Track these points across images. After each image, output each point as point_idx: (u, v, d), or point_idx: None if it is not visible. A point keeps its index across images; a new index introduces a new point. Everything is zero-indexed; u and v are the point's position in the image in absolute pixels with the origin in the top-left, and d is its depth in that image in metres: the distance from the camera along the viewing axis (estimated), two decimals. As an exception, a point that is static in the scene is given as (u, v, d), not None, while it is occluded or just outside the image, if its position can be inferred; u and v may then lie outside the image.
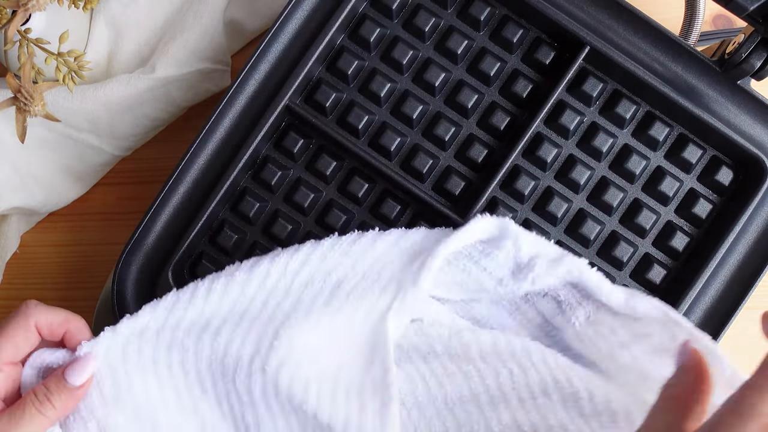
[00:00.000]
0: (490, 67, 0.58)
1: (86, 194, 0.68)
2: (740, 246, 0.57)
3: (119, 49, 0.64)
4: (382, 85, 0.58)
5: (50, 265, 0.68)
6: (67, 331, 0.50)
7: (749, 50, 0.53)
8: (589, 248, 0.58)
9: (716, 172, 0.57)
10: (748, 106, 0.56)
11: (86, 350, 0.50)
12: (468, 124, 0.59)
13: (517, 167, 0.58)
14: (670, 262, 0.58)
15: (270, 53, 0.57)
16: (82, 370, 0.48)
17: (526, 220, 0.58)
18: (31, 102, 0.55)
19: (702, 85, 0.57)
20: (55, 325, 0.50)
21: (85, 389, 0.49)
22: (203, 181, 0.57)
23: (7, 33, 0.54)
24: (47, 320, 0.49)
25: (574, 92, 0.58)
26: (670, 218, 0.58)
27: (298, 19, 0.58)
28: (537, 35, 0.58)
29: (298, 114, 0.57)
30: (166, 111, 0.65)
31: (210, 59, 0.64)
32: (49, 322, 0.50)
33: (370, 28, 0.58)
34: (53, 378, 0.48)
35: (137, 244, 0.57)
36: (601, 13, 0.57)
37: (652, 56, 0.57)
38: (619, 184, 0.58)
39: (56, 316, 0.50)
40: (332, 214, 0.58)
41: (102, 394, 0.49)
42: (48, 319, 0.49)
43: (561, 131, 0.58)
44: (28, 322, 0.49)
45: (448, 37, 0.58)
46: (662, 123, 0.57)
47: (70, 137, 0.64)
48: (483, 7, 0.58)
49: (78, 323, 0.51)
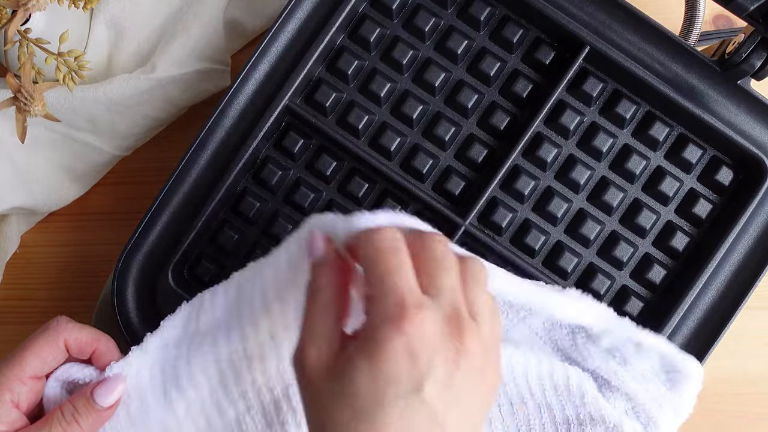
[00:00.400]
0: (490, 67, 0.58)
1: (86, 194, 0.67)
2: (740, 246, 0.56)
3: (119, 49, 0.64)
4: (382, 85, 0.58)
5: (50, 265, 0.68)
6: (96, 350, 0.50)
7: (749, 50, 0.53)
8: (589, 248, 0.58)
9: (716, 172, 0.57)
10: (748, 106, 0.56)
11: (116, 371, 0.49)
12: (468, 124, 0.59)
13: (517, 167, 0.58)
14: (670, 262, 0.58)
15: (270, 53, 0.57)
16: (111, 391, 0.48)
17: (526, 220, 0.58)
18: (31, 102, 0.55)
19: (702, 85, 0.57)
20: (84, 343, 0.49)
21: (112, 410, 0.48)
22: (203, 182, 0.57)
23: (7, 33, 0.53)
24: (77, 338, 0.49)
25: (574, 92, 0.58)
26: (670, 218, 0.58)
27: (298, 19, 0.58)
28: (537, 35, 0.58)
29: (298, 114, 0.57)
30: (166, 111, 0.64)
31: (210, 59, 0.64)
32: (79, 341, 0.49)
33: (370, 28, 0.58)
34: (81, 397, 0.48)
35: (137, 245, 0.57)
36: (601, 12, 0.57)
37: (652, 56, 0.57)
38: (619, 184, 0.58)
39: (86, 335, 0.49)
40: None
41: (129, 415, 0.49)
42: (78, 337, 0.49)
43: (561, 131, 0.58)
44: (58, 338, 0.48)
45: (448, 37, 0.58)
46: (662, 123, 0.57)
47: (70, 137, 0.64)
48: (483, 7, 0.58)
49: (108, 343, 0.50)
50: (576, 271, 0.58)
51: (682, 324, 0.56)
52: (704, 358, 0.56)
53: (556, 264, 0.57)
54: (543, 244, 0.58)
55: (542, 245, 0.58)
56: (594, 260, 0.58)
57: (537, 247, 0.57)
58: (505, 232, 0.58)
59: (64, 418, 0.47)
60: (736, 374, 0.65)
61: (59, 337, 0.48)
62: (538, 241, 0.57)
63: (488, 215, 0.57)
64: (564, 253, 0.57)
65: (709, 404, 0.64)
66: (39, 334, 0.49)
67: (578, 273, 0.58)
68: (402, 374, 0.38)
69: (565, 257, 0.57)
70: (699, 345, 0.56)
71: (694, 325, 0.56)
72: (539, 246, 0.57)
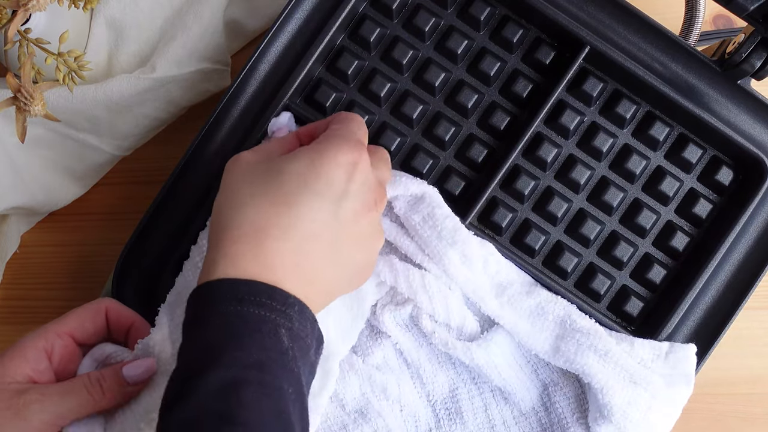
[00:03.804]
0: (490, 67, 0.58)
1: (86, 194, 0.68)
2: (740, 245, 0.57)
3: (119, 49, 0.64)
4: (382, 85, 0.58)
5: (50, 265, 0.68)
6: (133, 324, 0.52)
7: (749, 50, 0.53)
8: (589, 248, 0.58)
9: (716, 171, 0.57)
10: (748, 106, 0.56)
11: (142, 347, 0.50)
12: (468, 124, 0.58)
13: (517, 167, 0.58)
14: (670, 262, 0.58)
15: (270, 53, 0.57)
16: (139, 367, 0.49)
17: (526, 220, 0.58)
18: (31, 102, 0.55)
19: (702, 84, 0.57)
20: (123, 316, 0.51)
21: (138, 389, 0.49)
22: (203, 183, 0.57)
23: (7, 33, 0.53)
24: (117, 309, 0.52)
25: (574, 92, 0.58)
26: (671, 218, 0.58)
27: (298, 19, 0.58)
28: (537, 35, 0.58)
29: (298, 114, 0.57)
30: (166, 111, 0.65)
31: (210, 59, 0.64)
32: (119, 312, 0.52)
33: (370, 28, 0.58)
34: (110, 369, 0.49)
35: (137, 245, 0.57)
36: (600, 12, 0.57)
37: (652, 56, 0.57)
38: (620, 184, 0.58)
39: (126, 309, 0.52)
40: (332, 214, 0.58)
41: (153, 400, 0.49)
42: (119, 309, 0.52)
43: (561, 131, 0.58)
44: (100, 305, 0.51)
45: (448, 37, 0.58)
46: (662, 123, 0.57)
47: (70, 137, 0.64)
48: (483, 7, 0.58)
49: (145, 323, 0.52)
50: (576, 271, 0.58)
51: (682, 324, 0.56)
52: (704, 357, 0.56)
53: (556, 264, 0.57)
54: (543, 244, 0.58)
55: (542, 245, 0.58)
56: (594, 260, 0.58)
57: (537, 247, 0.57)
58: (505, 232, 0.58)
59: (89, 381, 0.48)
60: (736, 374, 0.65)
61: (102, 304, 0.51)
62: (538, 241, 0.57)
63: (488, 215, 0.57)
64: (564, 253, 0.57)
65: (709, 404, 0.64)
66: (87, 304, 0.52)
67: (578, 273, 0.58)
68: (335, 181, 0.45)
69: (565, 257, 0.57)
70: (700, 344, 0.56)
71: (694, 324, 0.56)
72: (539, 246, 0.57)
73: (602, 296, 0.57)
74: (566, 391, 0.55)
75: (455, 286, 0.54)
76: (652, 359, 0.53)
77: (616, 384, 0.52)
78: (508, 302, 0.54)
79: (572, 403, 0.54)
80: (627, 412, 0.51)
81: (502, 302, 0.54)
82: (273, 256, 0.43)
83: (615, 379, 0.52)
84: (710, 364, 0.56)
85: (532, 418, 0.55)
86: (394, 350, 0.55)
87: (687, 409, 0.53)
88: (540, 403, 0.55)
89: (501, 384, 0.55)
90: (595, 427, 0.53)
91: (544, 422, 0.55)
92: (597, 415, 0.52)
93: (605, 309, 0.57)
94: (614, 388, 0.52)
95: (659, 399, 0.52)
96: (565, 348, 0.53)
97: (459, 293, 0.54)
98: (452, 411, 0.55)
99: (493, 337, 0.54)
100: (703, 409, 0.64)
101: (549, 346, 0.54)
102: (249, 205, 0.45)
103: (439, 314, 0.54)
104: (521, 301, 0.54)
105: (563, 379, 0.55)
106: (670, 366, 0.53)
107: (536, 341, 0.54)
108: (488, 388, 0.55)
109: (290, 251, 0.44)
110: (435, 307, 0.54)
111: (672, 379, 0.53)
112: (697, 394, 0.54)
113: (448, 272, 0.53)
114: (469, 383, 0.55)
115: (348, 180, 0.46)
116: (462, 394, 0.55)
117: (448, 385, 0.55)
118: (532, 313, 0.54)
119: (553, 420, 0.55)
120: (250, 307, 0.41)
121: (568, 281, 0.58)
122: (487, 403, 0.55)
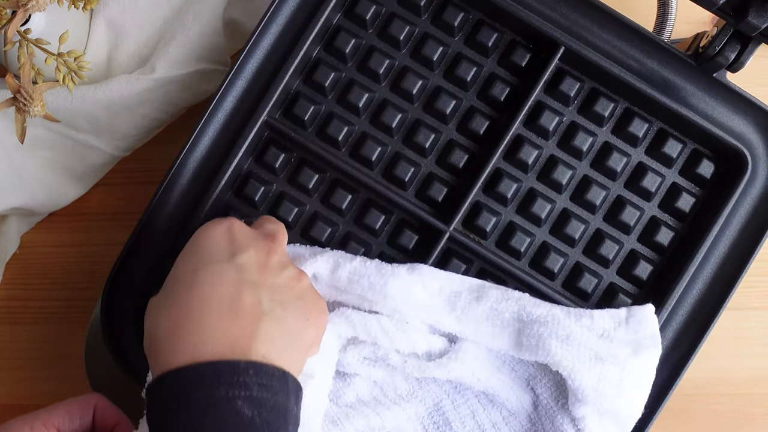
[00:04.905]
0: (466, 72, 0.58)
1: (86, 194, 0.68)
2: (725, 237, 0.57)
3: (119, 49, 0.64)
4: (360, 95, 0.58)
5: (50, 265, 0.68)
6: (117, 425, 0.51)
7: (722, 43, 0.53)
8: (574, 248, 0.58)
9: (697, 165, 0.57)
10: (725, 98, 0.56)
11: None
12: (447, 129, 0.59)
13: (498, 170, 0.58)
14: (656, 257, 0.58)
15: (246, 69, 0.57)
16: None
17: (511, 223, 0.58)
18: (30, 102, 0.55)
19: (678, 79, 0.57)
20: (109, 416, 0.51)
21: None
22: (186, 204, 0.57)
23: (7, 33, 0.54)
24: (105, 407, 0.51)
25: (552, 93, 0.58)
26: (654, 213, 0.58)
27: (272, 34, 0.58)
28: (512, 38, 0.58)
29: (278, 129, 0.57)
30: (165, 111, 0.65)
31: (209, 60, 0.64)
32: (106, 410, 0.51)
33: (345, 39, 0.58)
34: None
35: (135, 248, 0.57)
36: (573, 12, 0.57)
37: (627, 53, 0.57)
38: (602, 182, 0.58)
39: (114, 410, 0.52)
40: (317, 227, 0.58)
41: None
42: (107, 406, 0.51)
43: (541, 132, 0.58)
44: (90, 400, 0.51)
45: (423, 44, 0.58)
46: (641, 119, 0.57)
47: (70, 137, 0.64)
48: (456, 13, 0.58)
49: (130, 425, 0.51)
50: (563, 271, 0.58)
51: (671, 318, 0.56)
52: (695, 350, 0.56)
53: (543, 265, 0.57)
54: (529, 246, 0.58)
55: (528, 247, 0.58)
56: (580, 259, 0.58)
57: (523, 249, 0.57)
58: (490, 236, 0.58)
59: None
60: (736, 374, 0.65)
61: (92, 399, 0.51)
62: (523, 243, 0.57)
63: (472, 220, 0.57)
64: (550, 254, 0.57)
65: (709, 404, 0.64)
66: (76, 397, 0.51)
67: (565, 273, 0.58)
68: (218, 245, 0.48)
69: (552, 258, 0.57)
70: (689, 338, 0.56)
71: (682, 319, 0.57)
72: (525, 248, 0.57)
73: (590, 295, 0.58)
74: (546, 381, 0.55)
75: (411, 318, 0.54)
76: (614, 327, 0.53)
77: (582, 366, 0.52)
78: (462, 314, 0.54)
79: (554, 392, 0.54)
80: (599, 390, 0.51)
81: (458, 316, 0.54)
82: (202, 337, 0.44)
83: (581, 360, 0.52)
84: (710, 364, 0.56)
85: (521, 415, 0.55)
86: (366, 385, 0.55)
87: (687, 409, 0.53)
88: (526, 399, 0.55)
89: (483, 388, 0.55)
90: (574, 411, 0.52)
91: (533, 417, 0.55)
92: (573, 399, 0.52)
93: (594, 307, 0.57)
94: (581, 370, 0.52)
95: (629, 370, 0.52)
96: (527, 342, 0.53)
97: (417, 322, 0.54)
98: (440, 424, 0.55)
99: (462, 346, 0.54)
100: (702, 409, 0.64)
101: (513, 343, 0.54)
102: (160, 324, 0.46)
103: (405, 349, 0.54)
104: (474, 309, 0.54)
105: (540, 370, 0.55)
106: (633, 330, 0.53)
107: (501, 342, 0.54)
108: (472, 394, 0.56)
109: (216, 324, 0.44)
110: (398, 345, 0.54)
111: (638, 345, 0.53)
112: (697, 394, 0.54)
113: (397, 310, 0.53)
114: (452, 393, 0.55)
115: (230, 240, 0.48)
116: (447, 405, 0.55)
117: (431, 400, 0.55)
118: (489, 316, 0.54)
119: (540, 413, 0.55)
120: (192, 392, 0.42)
121: (556, 282, 0.58)
122: (474, 409, 0.55)
